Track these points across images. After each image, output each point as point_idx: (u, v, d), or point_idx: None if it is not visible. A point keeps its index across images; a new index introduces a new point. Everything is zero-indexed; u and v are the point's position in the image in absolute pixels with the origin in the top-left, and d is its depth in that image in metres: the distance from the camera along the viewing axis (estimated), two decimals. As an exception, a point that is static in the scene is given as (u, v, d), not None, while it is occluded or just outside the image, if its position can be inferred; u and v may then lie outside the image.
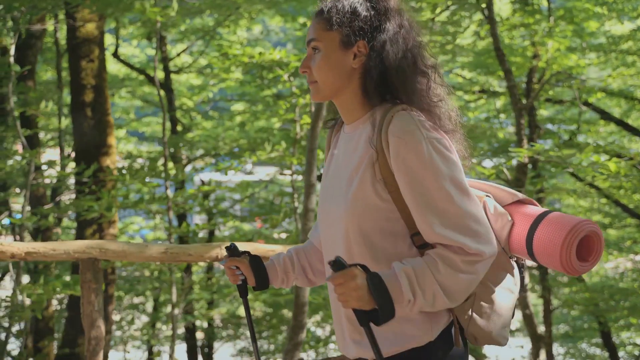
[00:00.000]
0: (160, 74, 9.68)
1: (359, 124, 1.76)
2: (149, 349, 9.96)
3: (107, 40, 9.36)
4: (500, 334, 1.77)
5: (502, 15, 8.82)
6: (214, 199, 9.82)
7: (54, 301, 7.55)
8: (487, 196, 1.80)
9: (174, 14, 5.77)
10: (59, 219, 8.04)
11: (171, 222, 6.57)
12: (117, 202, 5.97)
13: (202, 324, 9.99)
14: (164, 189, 6.54)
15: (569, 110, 9.37)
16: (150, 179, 6.54)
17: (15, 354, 7.75)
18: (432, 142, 1.62)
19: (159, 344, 9.76)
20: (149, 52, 11.51)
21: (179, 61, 11.04)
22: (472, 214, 1.61)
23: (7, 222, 6.81)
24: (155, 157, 8.57)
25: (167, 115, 6.99)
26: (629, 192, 7.70)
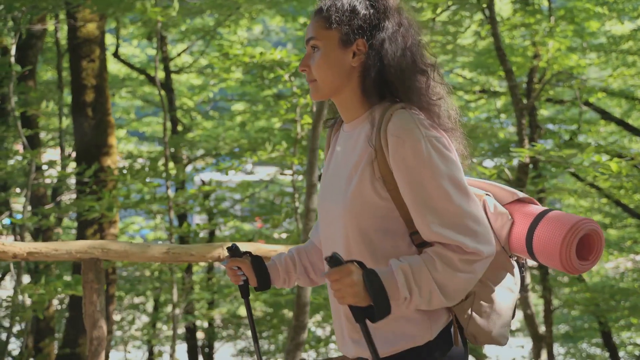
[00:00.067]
0: (160, 74, 9.68)
1: (358, 123, 1.76)
2: (149, 349, 9.96)
3: (108, 40, 9.35)
4: (500, 333, 1.76)
5: (503, 15, 8.82)
6: (214, 198, 9.82)
7: (54, 301, 7.55)
8: (487, 195, 1.79)
9: (175, 14, 5.76)
10: (60, 218, 8.04)
11: (172, 222, 6.57)
12: (118, 202, 5.97)
13: (202, 324, 9.98)
14: (165, 189, 6.54)
15: (570, 110, 9.36)
16: (151, 179, 6.54)
17: (16, 354, 7.74)
18: (431, 140, 1.61)
19: (159, 344, 9.76)
20: (149, 52, 11.50)
21: (179, 61, 11.04)
22: (471, 213, 1.60)
23: (8, 222, 6.80)
24: (155, 157, 8.57)
25: (167, 115, 6.97)
26: (630, 192, 7.70)
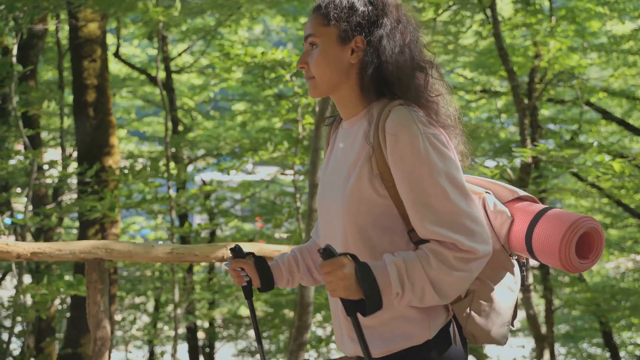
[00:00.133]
0: (161, 74, 9.67)
1: (357, 120, 1.75)
2: (150, 349, 9.96)
3: (108, 40, 9.35)
4: (499, 332, 1.75)
5: (504, 14, 8.81)
6: (214, 198, 9.82)
7: (55, 301, 7.54)
8: (487, 193, 1.78)
9: (177, 14, 5.76)
10: (60, 218, 8.04)
11: (173, 222, 6.57)
12: (119, 202, 5.97)
13: (203, 324, 9.98)
14: (166, 189, 6.54)
15: (570, 110, 9.36)
16: (152, 179, 6.54)
17: (17, 354, 7.74)
18: (429, 137, 1.60)
19: (160, 343, 9.76)
20: (149, 51, 11.50)
21: (180, 61, 11.03)
22: (468, 212, 1.58)
23: (9, 221, 6.80)
24: (156, 157, 8.57)
25: (169, 115, 6.97)
26: (631, 192, 7.70)
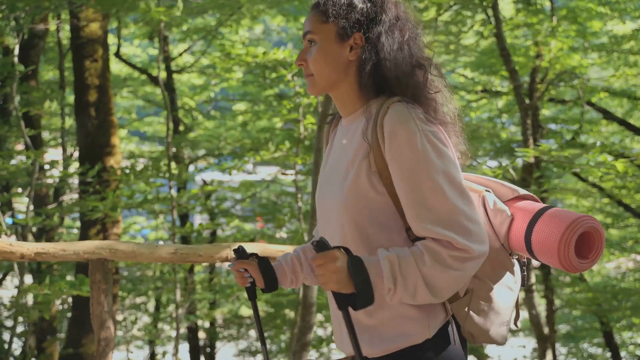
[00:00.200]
0: (162, 74, 9.67)
1: (356, 117, 1.74)
2: (151, 349, 9.96)
3: (109, 40, 9.34)
4: (498, 332, 1.74)
5: (505, 14, 8.81)
6: (214, 198, 9.81)
7: (57, 301, 7.53)
8: (487, 191, 1.77)
9: (179, 14, 5.75)
10: (61, 218, 8.04)
11: (175, 222, 6.56)
12: (121, 202, 5.96)
13: (203, 324, 9.98)
14: (167, 189, 6.53)
15: (571, 110, 9.35)
16: (153, 179, 6.53)
17: (17, 353, 7.73)
18: (427, 134, 1.60)
19: (161, 344, 9.75)
20: (150, 51, 11.49)
21: (180, 61, 11.03)
22: (464, 210, 1.57)
23: (10, 221, 6.79)
24: (157, 157, 8.56)
25: (170, 115, 6.97)
26: (632, 192, 7.70)
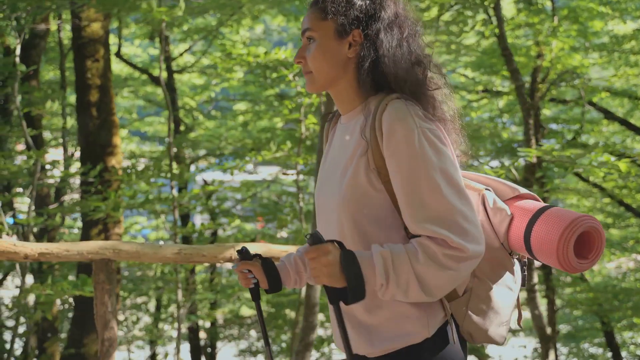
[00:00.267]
0: (163, 74, 9.66)
1: (355, 114, 1.74)
2: (152, 349, 9.95)
3: (110, 39, 9.34)
4: (496, 332, 1.73)
5: (506, 14, 8.81)
6: (215, 198, 9.80)
7: (57, 301, 7.53)
8: (487, 189, 1.76)
9: (181, 14, 5.74)
10: (62, 218, 8.03)
11: (176, 222, 6.56)
12: (123, 202, 5.96)
13: (204, 324, 9.97)
14: (168, 189, 6.52)
15: (572, 109, 9.35)
16: (155, 179, 6.53)
17: (19, 353, 7.72)
18: (425, 131, 1.59)
19: (162, 344, 9.75)
20: (151, 51, 11.49)
21: (181, 61, 11.02)
22: (461, 209, 1.55)
23: (12, 221, 6.79)
24: (158, 157, 8.55)
25: (172, 115, 6.97)
26: (633, 192, 7.69)
